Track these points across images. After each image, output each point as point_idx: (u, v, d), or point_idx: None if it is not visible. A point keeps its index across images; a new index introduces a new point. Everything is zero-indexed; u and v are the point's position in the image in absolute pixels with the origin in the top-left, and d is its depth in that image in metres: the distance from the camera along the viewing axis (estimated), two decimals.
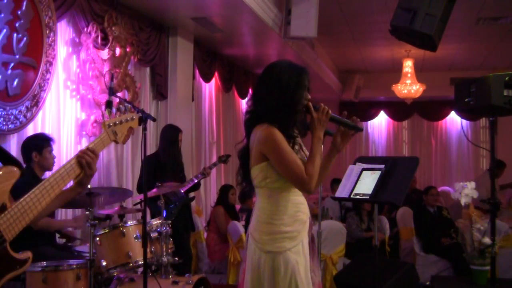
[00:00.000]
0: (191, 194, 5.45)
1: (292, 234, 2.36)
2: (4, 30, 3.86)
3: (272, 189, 2.38)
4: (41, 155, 3.83)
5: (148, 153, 3.99)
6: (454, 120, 12.37)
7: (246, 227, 5.62)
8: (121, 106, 2.29)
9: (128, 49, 5.42)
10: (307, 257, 2.43)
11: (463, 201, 4.67)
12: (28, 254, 1.92)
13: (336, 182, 7.70)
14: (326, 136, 2.56)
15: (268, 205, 2.38)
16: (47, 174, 3.88)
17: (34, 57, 4.14)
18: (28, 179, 3.53)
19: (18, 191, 1.93)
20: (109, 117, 2.22)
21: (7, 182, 1.87)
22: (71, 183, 2.10)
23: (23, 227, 1.88)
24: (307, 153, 2.43)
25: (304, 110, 2.42)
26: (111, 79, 5.06)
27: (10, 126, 3.94)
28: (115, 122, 2.20)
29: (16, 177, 1.90)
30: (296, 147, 2.42)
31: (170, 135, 5.19)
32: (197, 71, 7.13)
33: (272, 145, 2.32)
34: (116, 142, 2.23)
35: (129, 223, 3.85)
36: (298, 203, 2.42)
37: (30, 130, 4.21)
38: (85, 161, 2.03)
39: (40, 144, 3.85)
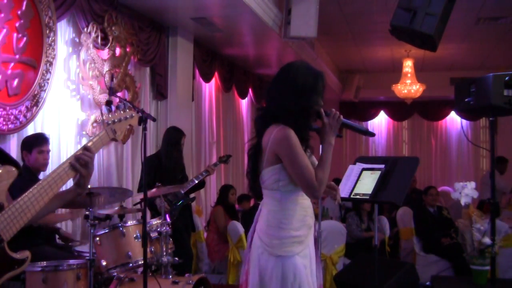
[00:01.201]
0: (192, 194, 5.45)
1: (300, 238, 2.37)
2: (4, 30, 3.86)
3: (283, 192, 2.37)
4: (31, 155, 3.80)
5: (148, 153, 3.98)
6: (454, 120, 12.38)
7: (245, 227, 5.62)
8: (120, 104, 2.27)
9: (128, 49, 5.42)
10: (313, 260, 2.44)
11: (463, 201, 4.68)
12: (26, 254, 1.92)
13: (335, 182, 7.69)
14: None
15: (278, 208, 2.37)
16: (44, 173, 3.86)
17: (34, 57, 4.14)
18: (26, 179, 3.52)
19: (16, 190, 1.92)
20: (108, 116, 2.19)
21: (4, 182, 1.86)
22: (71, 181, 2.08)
23: (21, 227, 1.87)
24: (315, 159, 2.42)
25: (315, 116, 2.41)
26: (111, 79, 5.08)
27: (10, 126, 3.93)
28: (114, 120, 2.18)
29: (14, 177, 1.89)
30: (308, 152, 2.40)
31: (173, 137, 5.19)
32: (197, 71, 7.13)
33: (286, 146, 2.31)
34: (115, 140, 2.21)
35: (129, 223, 3.84)
36: (306, 207, 2.43)
37: (30, 130, 4.20)
38: (81, 162, 1.99)
39: (31, 143, 3.83)
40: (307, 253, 2.39)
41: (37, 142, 3.85)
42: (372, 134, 2.60)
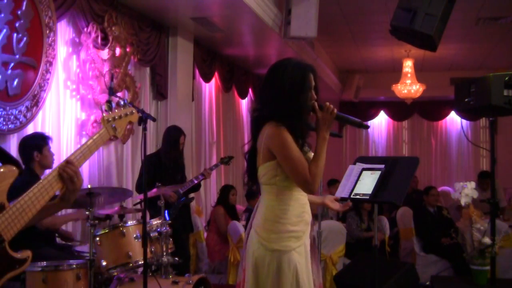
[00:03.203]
0: (191, 195, 5.45)
1: (298, 234, 2.36)
2: (4, 30, 3.86)
3: (281, 187, 2.37)
4: (42, 154, 3.85)
5: (148, 153, 3.98)
6: (454, 120, 12.37)
7: (246, 227, 5.62)
8: (120, 101, 2.26)
9: (128, 49, 5.42)
10: (308, 259, 2.43)
11: (463, 201, 4.67)
12: (27, 253, 1.91)
13: (331, 183, 7.70)
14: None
15: (276, 203, 2.37)
16: (47, 172, 3.88)
17: (34, 57, 4.14)
18: (28, 178, 3.53)
19: (18, 190, 1.92)
20: (108, 113, 2.19)
21: (5, 181, 1.86)
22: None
23: (22, 227, 1.86)
24: (311, 156, 2.42)
25: (310, 110, 2.40)
26: (111, 79, 5.08)
27: (10, 126, 3.94)
28: (114, 117, 2.18)
29: (14, 176, 1.89)
30: (306, 148, 2.40)
31: (172, 136, 5.19)
32: (197, 71, 7.13)
33: (279, 142, 2.31)
34: (116, 137, 2.21)
35: (129, 223, 3.84)
36: (304, 203, 2.42)
37: (30, 130, 4.20)
38: (66, 175, 1.93)
39: (40, 143, 3.87)
40: (303, 250, 2.38)
41: (46, 141, 3.91)
42: (366, 127, 2.58)
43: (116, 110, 2.20)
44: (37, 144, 3.86)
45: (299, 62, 2.43)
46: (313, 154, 2.42)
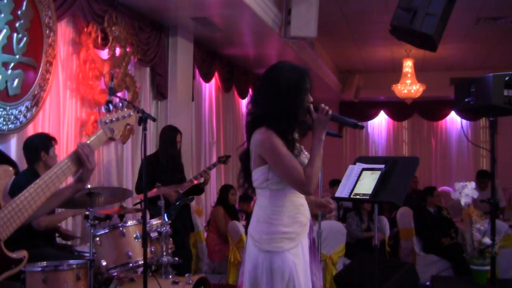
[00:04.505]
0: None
1: (291, 235, 2.35)
2: (4, 30, 3.86)
3: (273, 190, 2.37)
4: (48, 154, 3.88)
5: (148, 153, 3.99)
6: (454, 120, 12.38)
7: (246, 227, 5.62)
8: (118, 103, 2.26)
9: (128, 49, 5.42)
10: (307, 260, 2.42)
11: (463, 201, 4.67)
12: (23, 253, 1.91)
13: (333, 183, 7.70)
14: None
15: (269, 205, 2.38)
16: None
17: (34, 57, 4.14)
18: (30, 178, 3.53)
19: (21, 190, 1.92)
20: (106, 114, 2.19)
21: (1, 181, 1.86)
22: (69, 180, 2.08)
23: (18, 226, 1.86)
24: (303, 159, 2.42)
25: (306, 112, 2.40)
26: (111, 79, 5.07)
27: (10, 126, 3.94)
28: (111, 119, 2.17)
29: (10, 176, 1.89)
30: (296, 151, 2.40)
31: (168, 136, 5.19)
32: (197, 71, 7.13)
33: (269, 149, 2.32)
34: (113, 139, 2.22)
35: (129, 223, 3.84)
36: (299, 205, 2.42)
37: (30, 130, 4.21)
38: (84, 154, 2.01)
39: (47, 144, 3.90)
40: (299, 251, 2.37)
41: (51, 142, 3.93)
42: (362, 127, 2.58)
43: (114, 112, 2.19)
44: (44, 145, 3.88)
45: (295, 65, 2.45)
46: (304, 156, 2.42)
